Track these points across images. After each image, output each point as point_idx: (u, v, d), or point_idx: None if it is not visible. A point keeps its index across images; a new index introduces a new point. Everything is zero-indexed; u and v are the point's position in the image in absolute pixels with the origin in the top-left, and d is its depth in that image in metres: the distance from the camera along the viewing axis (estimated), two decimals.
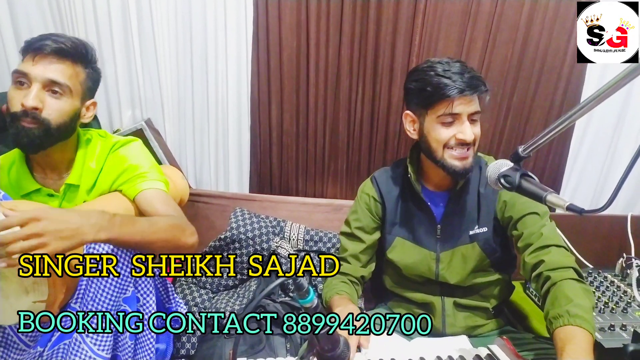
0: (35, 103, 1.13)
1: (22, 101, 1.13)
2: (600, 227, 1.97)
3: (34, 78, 1.14)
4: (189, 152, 2.06)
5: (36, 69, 1.14)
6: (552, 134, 0.90)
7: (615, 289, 1.51)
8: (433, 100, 1.16)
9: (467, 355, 1.11)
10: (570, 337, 0.94)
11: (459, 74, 1.14)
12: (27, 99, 1.12)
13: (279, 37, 1.85)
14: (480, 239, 1.26)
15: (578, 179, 2.10)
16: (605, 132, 2.01)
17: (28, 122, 1.14)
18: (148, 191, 1.26)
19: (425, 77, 1.17)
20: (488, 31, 1.84)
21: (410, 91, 1.23)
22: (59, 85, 1.16)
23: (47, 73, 1.14)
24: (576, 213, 0.80)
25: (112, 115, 1.97)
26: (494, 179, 0.96)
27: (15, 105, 1.14)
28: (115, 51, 1.87)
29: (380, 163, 2.02)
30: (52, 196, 1.27)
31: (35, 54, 1.14)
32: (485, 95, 1.19)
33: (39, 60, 1.14)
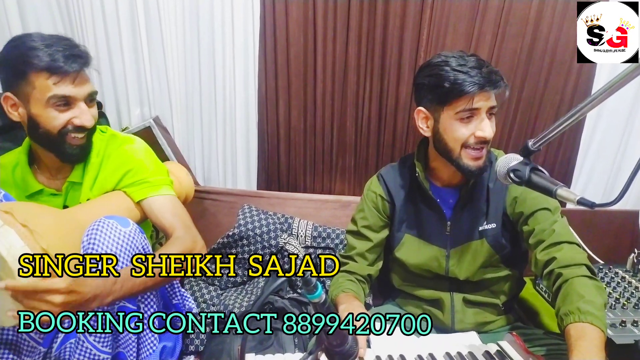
0: (94, 122, 1.20)
1: (75, 121, 1.16)
2: (612, 223, 1.95)
3: (77, 98, 1.16)
4: (197, 150, 2.07)
5: (79, 90, 1.16)
6: (563, 127, 0.89)
7: (626, 284, 1.49)
8: (451, 97, 1.12)
9: (476, 352, 1.10)
10: (582, 334, 0.93)
11: (477, 68, 1.11)
12: (82, 119, 1.17)
13: (286, 33, 1.85)
14: (489, 235, 1.25)
15: (589, 173, 2.08)
16: (616, 126, 1.99)
17: (79, 137, 1.19)
18: (154, 198, 1.26)
19: (441, 72, 1.13)
20: (497, 25, 1.83)
21: (424, 87, 1.19)
22: (93, 96, 1.20)
23: (86, 89, 1.17)
24: (587, 207, 0.79)
25: (120, 113, 1.98)
26: (504, 173, 0.95)
27: (60, 124, 1.16)
28: (123, 49, 1.88)
29: (388, 159, 2.01)
30: (55, 195, 1.27)
31: (74, 76, 1.14)
32: (505, 91, 1.15)
33: (77, 80, 1.15)
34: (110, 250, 1.05)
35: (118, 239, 1.07)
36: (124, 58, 1.89)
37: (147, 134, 1.86)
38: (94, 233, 1.05)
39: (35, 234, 1.01)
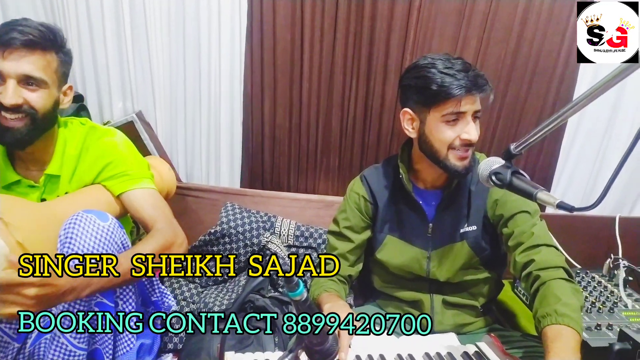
0: (14, 100, 1.10)
1: (0, 99, 1.09)
2: (589, 228, 1.99)
3: (7, 74, 1.10)
4: (180, 146, 2.04)
5: (8, 64, 1.09)
6: (544, 132, 0.90)
7: (602, 289, 1.53)
8: (438, 99, 1.12)
9: (455, 352, 1.11)
10: (558, 336, 0.95)
11: (463, 71, 1.11)
12: (4, 96, 1.09)
13: (273, 30, 1.84)
14: (469, 237, 1.26)
15: (569, 178, 2.11)
16: (596, 132, 2.03)
17: (14, 119, 1.11)
18: (134, 192, 1.23)
19: (428, 74, 1.13)
20: (482, 30, 1.85)
21: (410, 88, 1.19)
22: (34, 80, 1.12)
23: (19, 68, 1.10)
24: (566, 211, 0.81)
25: (102, 107, 1.94)
26: (486, 176, 0.96)
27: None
28: (106, 42, 1.84)
29: (372, 160, 2.01)
30: (32, 187, 1.24)
31: (4, 49, 1.09)
32: (489, 94, 1.17)
33: (9, 55, 1.09)
34: (88, 245, 1.02)
35: (97, 233, 1.04)
36: (107, 50, 1.85)
37: (130, 128, 1.83)
38: (71, 227, 1.03)
39: (10, 226, 0.98)
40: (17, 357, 1.14)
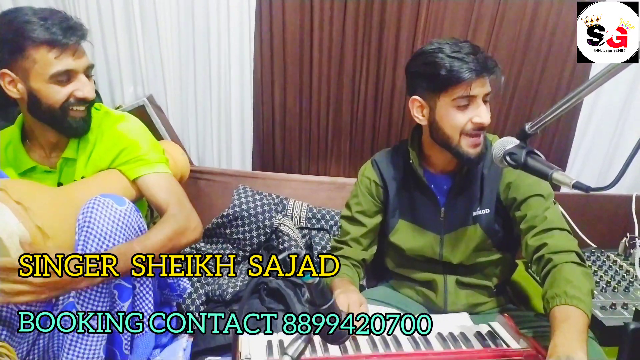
0: (94, 93, 1.19)
1: (77, 94, 1.16)
2: (605, 208, 1.97)
3: (76, 71, 1.15)
4: (192, 129, 2.05)
5: (79, 62, 1.15)
6: (560, 111, 0.89)
7: (617, 268, 1.52)
8: (448, 84, 1.11)
9: (468, 332, 1.12)
10: (566, 317, 0.94)
11: (472, 54, 1.10)
12: (84, 91, 1.16)
13: (282, 15, 1.82)
14: (482, 220, 1.26)
15: (584, 158, 2.08)
16: (612, 110, 1.99)
17: (81, 110, 1.19)
18: (149, 176, 1.25)
19: (436, 59, 1.12)
20: (495, 10, 1.81)
21: (418, 75, 1.18)
22: (92, 67, 1.20)
23: (86, 62, 1.17)
24: (583, 191, 0.80)
25: (113, 92, 1.96)
26: (500, 156, 0.95)
27: (62, 97, 1.15)
28: (116, 26, 1.84)
29: (384, 144, 2.00)
30: (48, 172, 1.26)
31: (65, 48, 1.12)
32: (499, 77, 1.15)
33: (76, 53, 1.14)
34: (106, 229, 1.05)
35: (114, 217, 1.06)
36: (116, 35, 1.86)
37: (141, 112, 1.84)
38: (89, 211, 1.05)
39: (29, 211, 1.00)
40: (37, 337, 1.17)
